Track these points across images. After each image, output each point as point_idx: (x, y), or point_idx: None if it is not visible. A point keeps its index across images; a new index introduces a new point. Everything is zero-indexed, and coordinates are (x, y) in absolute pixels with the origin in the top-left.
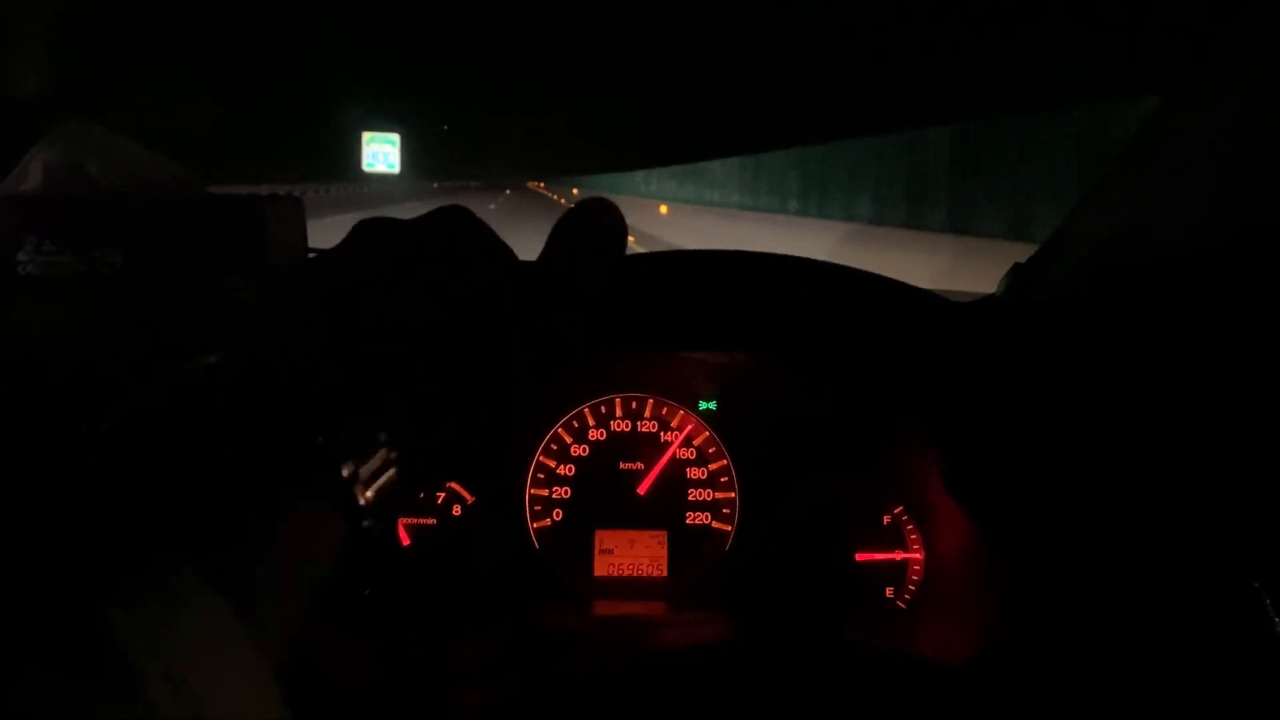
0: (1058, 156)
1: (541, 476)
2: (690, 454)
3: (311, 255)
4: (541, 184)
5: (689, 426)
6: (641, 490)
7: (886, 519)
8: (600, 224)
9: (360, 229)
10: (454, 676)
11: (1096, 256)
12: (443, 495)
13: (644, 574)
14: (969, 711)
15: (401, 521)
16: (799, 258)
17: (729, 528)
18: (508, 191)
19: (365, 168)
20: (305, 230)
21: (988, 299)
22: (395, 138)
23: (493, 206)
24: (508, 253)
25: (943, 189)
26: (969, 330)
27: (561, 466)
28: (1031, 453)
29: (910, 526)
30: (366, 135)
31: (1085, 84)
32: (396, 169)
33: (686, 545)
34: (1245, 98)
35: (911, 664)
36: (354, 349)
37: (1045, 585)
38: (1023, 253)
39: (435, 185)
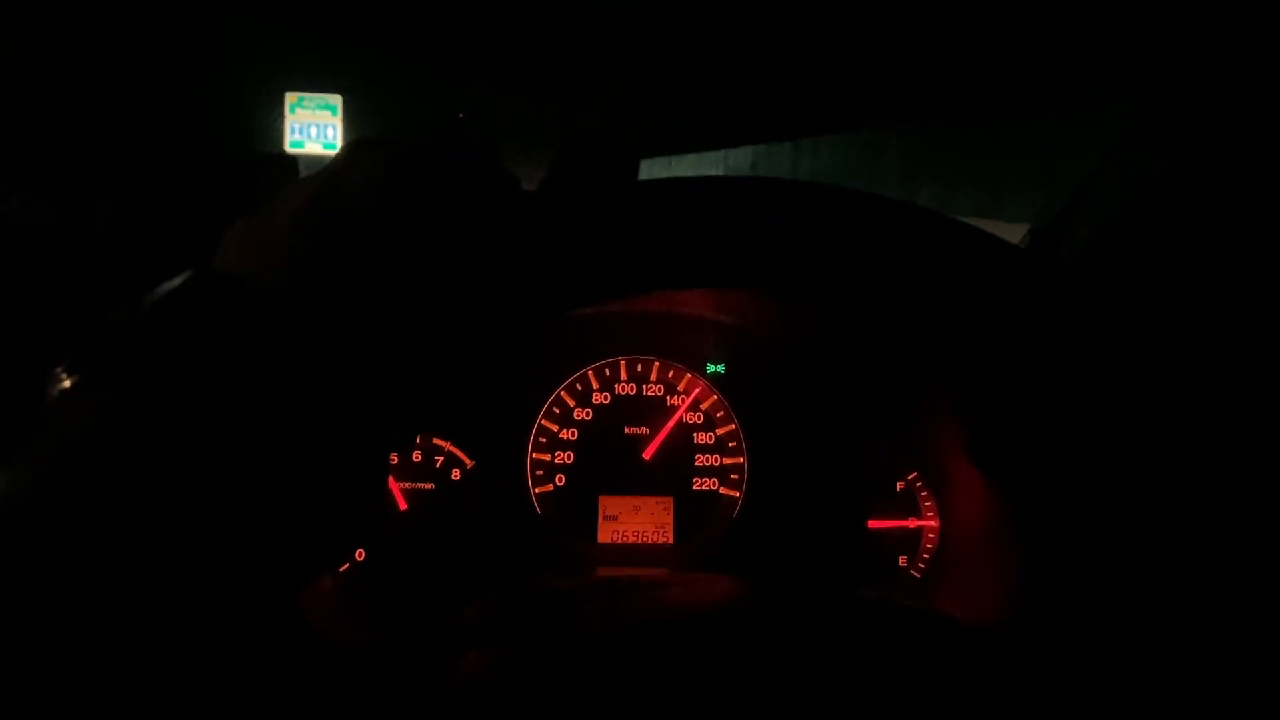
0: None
1: (543, 440)
2: (697, 418)
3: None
4: None
5: (696, 390)
6: (647, 455)
7: (900, 485)
8: (606, 148)
9: (352, 147)
10: (450, 640)
11: (1115, 222)
12: (441, 459)
13: (649, 540)
14: (995, 674)
15: (398, 485)
16: (827, 185)
17: (737, 494)
18: None
19: (289, 147)
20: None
21: (1012, 250)
22: (335, 102)
23: None
24: (513, 180)
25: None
26: (1021, 280)
27: (564, 430)
28: (1058, 418)
29: (925, 493)
30: (292, 98)
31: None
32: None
33: (693, 511)
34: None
35: (937, 622)
36: (339, 281)
37: (1067, 556)
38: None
39: None
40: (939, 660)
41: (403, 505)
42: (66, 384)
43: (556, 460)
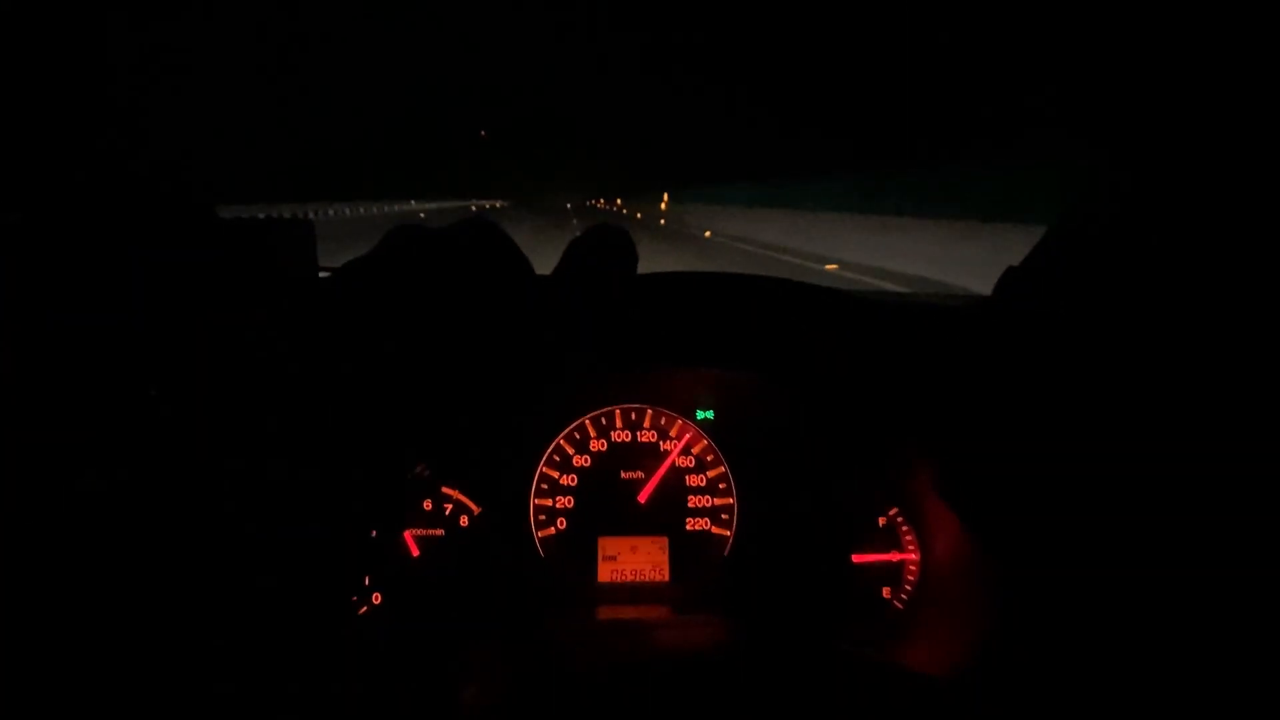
0: None
1: (545, 486)
2: (689, 462)
3: (323, 274)
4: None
5: (687, 435)
6: (642, 498)
7: (882, 521)
8: (613, 246)
9: (392, 235)
10: (456, 678)
11: (1081, 265)
12: (450, 507)
13: (647, 579)
14: None
15: (410, 533)
16: (794, 282)
17: (728, 533)
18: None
19: None
20: (315, 251)
21: (982, 301)
22: None
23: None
24: (527, 266)
25: None
26: (957, 343)
27: (564, 476)
28: (1021, 459)
29: (905, 528)
30: None
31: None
32: None
33: (687, 550)
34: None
35: (897, 674)
36: (374, 349)
37: (1036, 586)
38: None
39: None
40: (904, 711)
41: (415, 552)
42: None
43: (558, 505)
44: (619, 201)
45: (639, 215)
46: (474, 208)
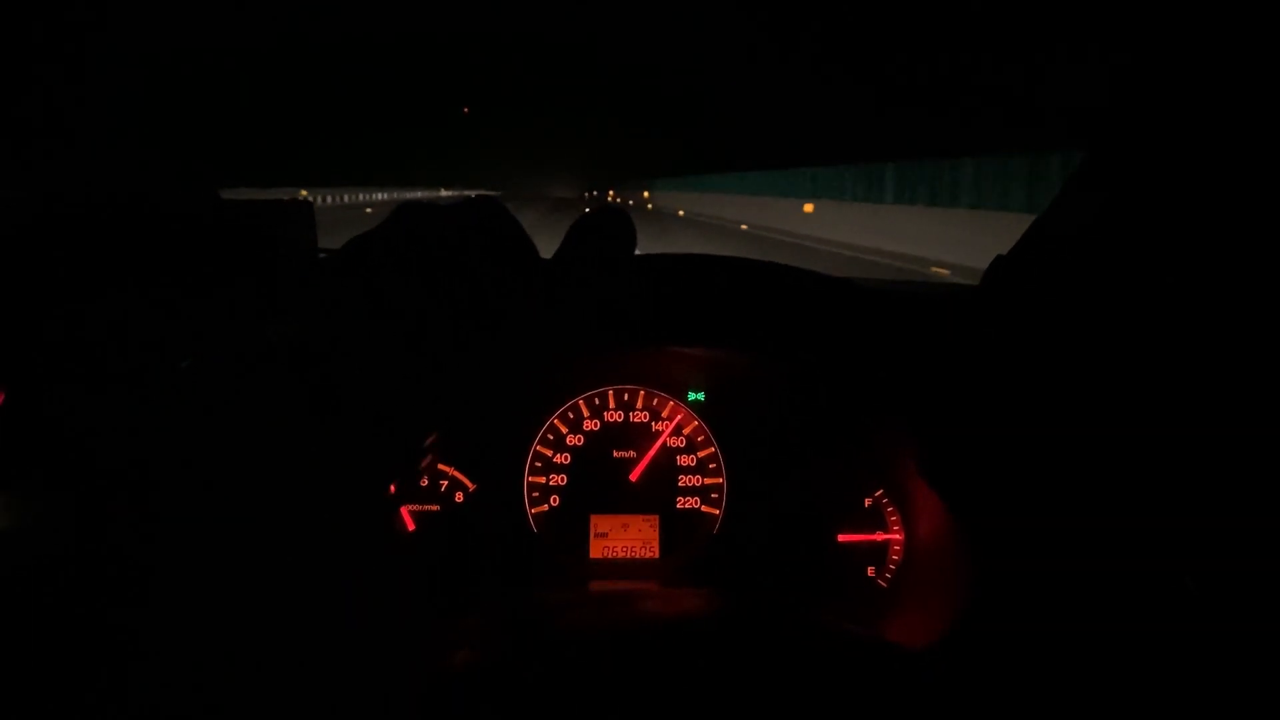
0: None
1: (539, 465)
2: (680, 442)
3: (321, 255)
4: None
5: (679, 416)
6: (634, 477)
7: (868, 501)
8: (612, 228)
9: (400, 211)
10: (450, 643)
11: (1068, 255)
12: (445, 483)
13: (637, 556)
14: (930, 694)
15: (406, 508)
16: (786, 266)
17: (717, 511)
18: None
19: None
20: (315, 232)
21: (970, 290)
22: None
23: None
24: (531, 247)
25: None
26: (945, 329)
27: (558, 455)
28: (1003, 443)
29: (891, 509)
30: None
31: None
32: None
33: (677, 528)
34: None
35: (877, 647)
36: (379, 324)
37: (1015, 567)
38: None
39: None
40: (881, 682)
41: (411, 526)
42: None
43: (551, 482)
44: (611, 193)
45: (630, 201)
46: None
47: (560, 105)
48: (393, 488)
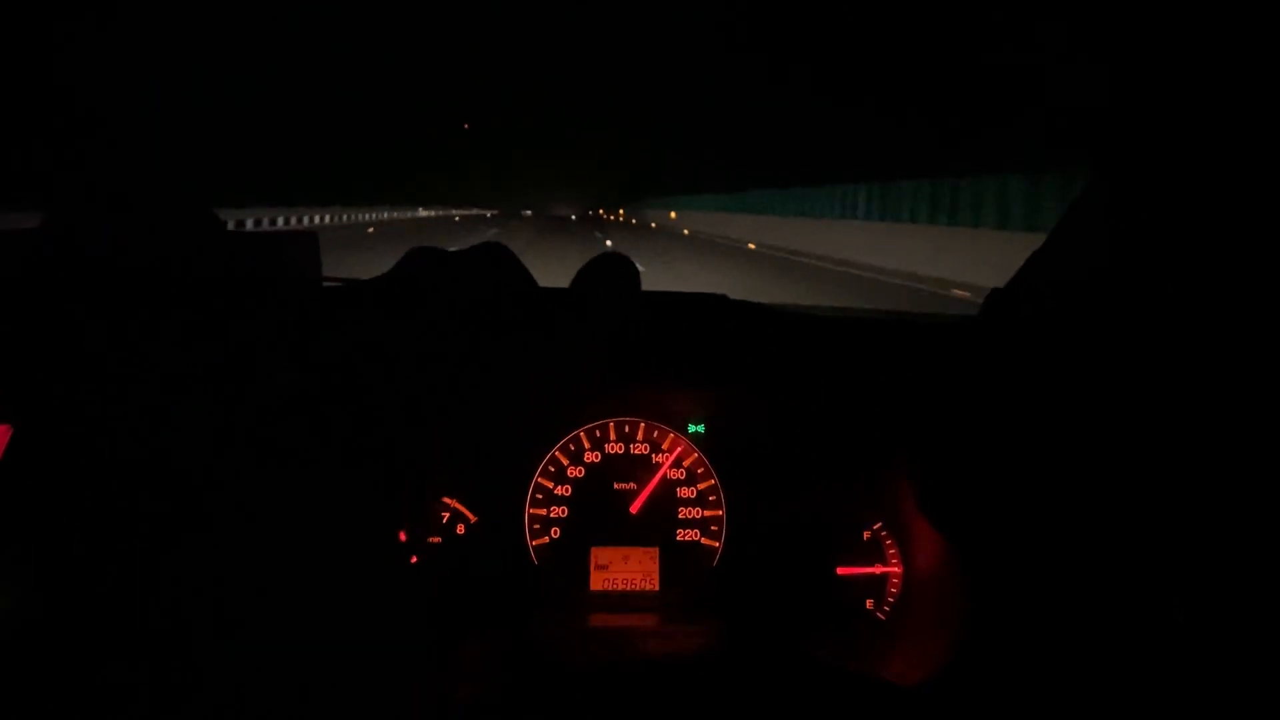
0: None
1: (540, 496)
2: (680, 474)
3: (327, 284)
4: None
5: (679, 448)
6: (634, 509)
7: (867, 534)
8: (618, 272)
9: (410, 256)
10: (452, 675)
11: (1067, 288)
12: (447, 515)
13: (637, 588)
14: None
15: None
16: (788, 308)
17: (717, 544)
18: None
19: None
20: (319, 262)
21: (967, 321)
22: None
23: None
24: (536, 290)
25: None
26: (944, 363)
27: (559, 487)
28: (1001, 476)
29: (889, 542)
30: None
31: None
32: None
33: (677, 560)
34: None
35: (874, 686)
36: (390, 363)
37: (1013, 600)
38: None
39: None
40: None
41: (414, 558)
42: None
43: (552, 514)
44: (621, 211)
45: (634, 220)
46: (457, 217)
47: (563, 122)
48: (403, 535)
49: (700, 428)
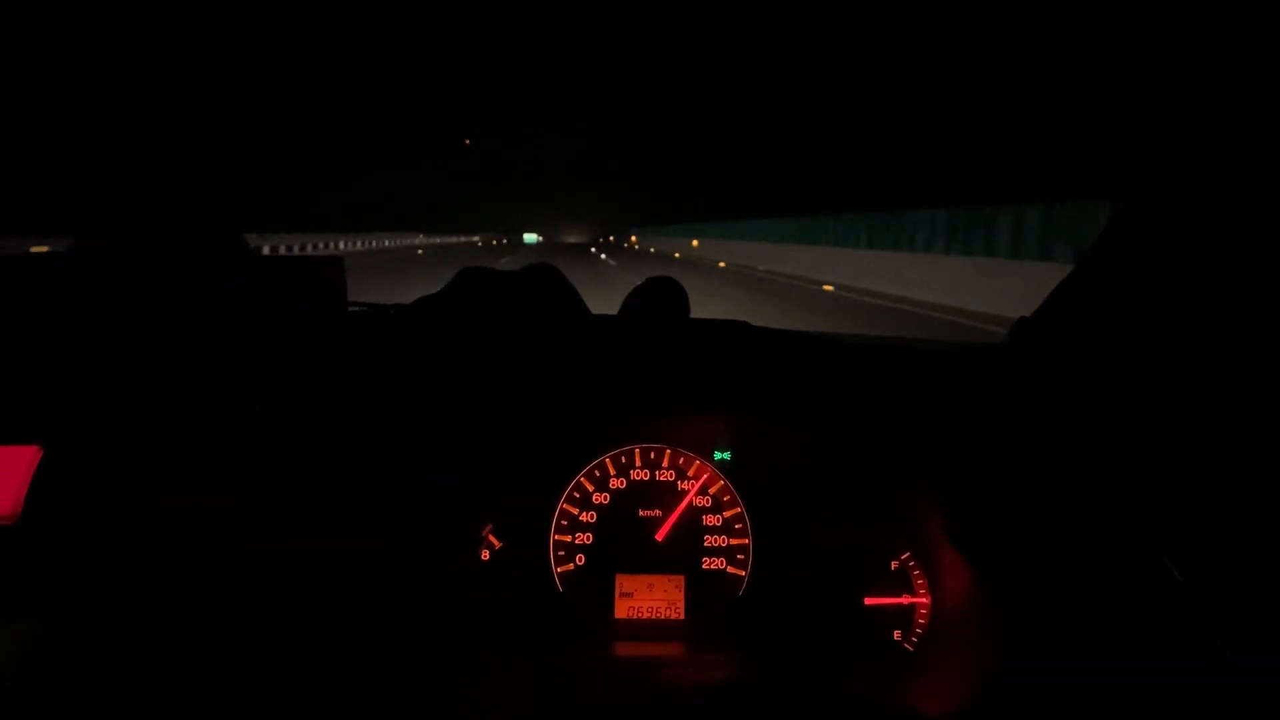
0: None
1: (565, 523)
2: (706, 502)
3: (352, 309)
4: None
5: (705, 475)
6: (659, 536)
7: (894, 564)
8: (667, 297)
9: (463, 276)
10: (478, 706)
11: (1088, 319)
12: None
13: (662, 616)
14: None
15: None
16: (804, 333)
17: (743, 573)
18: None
19: None
20: (345, 287)
21: (995, 349)
22: None
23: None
24: (586, 313)
25: None
26: (971, 392)
27: (584, 514)
28: (1030, 506)
29: (917, 572)
30: None
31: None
32: None
33: (703, 589)
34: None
35: (899, 716)
36: (435, 381)
37: (1040, 630)
38: None
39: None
40: None
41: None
42: None
43: (577, 541)
44: (634, 239)
45: (652, 250)
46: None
47: (574, 150)
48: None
49: (726, 455)
